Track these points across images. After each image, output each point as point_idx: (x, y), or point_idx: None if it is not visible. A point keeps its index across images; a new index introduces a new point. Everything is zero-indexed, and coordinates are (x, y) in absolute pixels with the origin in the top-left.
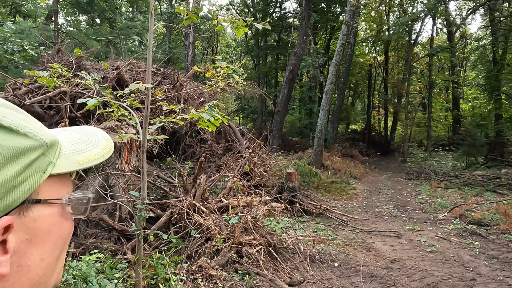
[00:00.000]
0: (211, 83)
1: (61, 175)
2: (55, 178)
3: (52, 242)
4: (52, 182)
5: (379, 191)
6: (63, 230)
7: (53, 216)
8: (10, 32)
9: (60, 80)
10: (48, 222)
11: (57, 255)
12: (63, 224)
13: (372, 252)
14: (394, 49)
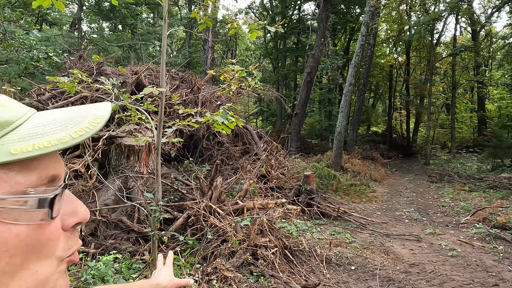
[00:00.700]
0: (224, 86)
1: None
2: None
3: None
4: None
5: (400, 194)
6: (2, 240)
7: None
8: (36, 40)
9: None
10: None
11: (2, 269)
12: (3, 233)
13: (391, 256)
14: (416, 49)
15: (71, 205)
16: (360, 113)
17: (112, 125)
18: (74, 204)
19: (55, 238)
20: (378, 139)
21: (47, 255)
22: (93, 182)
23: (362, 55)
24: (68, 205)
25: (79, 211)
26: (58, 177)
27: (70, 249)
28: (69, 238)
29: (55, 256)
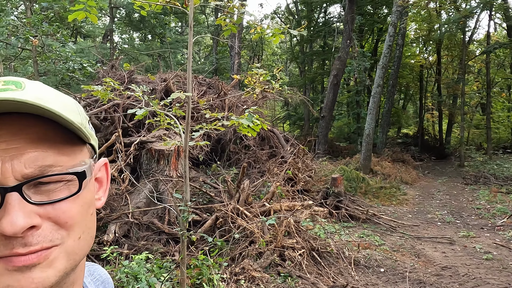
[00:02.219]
0: (248, 90)
1: None
2: None
3: None
4: None
5: (432, 197)
6: None
7: None
8: (72, 52)
9: (113, 93)
10: None
11: None
12: None
13: (422, 259)
14: (447, 48)
15: (3, 212)
16: (389, 115)
17: (143, 130)
18: (5, 213)
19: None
20: (409, 141)
21: None
22: (126, 186)
23: (390, 56)
24: (2, 211)
25: (2, 223)
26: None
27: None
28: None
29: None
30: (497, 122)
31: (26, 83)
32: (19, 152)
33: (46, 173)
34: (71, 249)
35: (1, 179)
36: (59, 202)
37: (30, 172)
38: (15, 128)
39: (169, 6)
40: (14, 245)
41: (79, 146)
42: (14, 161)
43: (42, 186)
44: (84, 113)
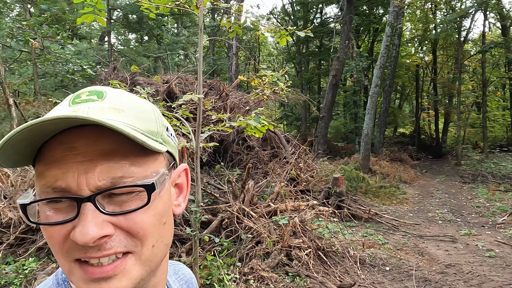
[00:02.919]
0: (257, 91)
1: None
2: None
3: None
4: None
5: (432, 196)
6: None
7: None
8: (71, 54)
9: None
10: None
11: None
12: None
13: (426, 257)
14: (443, 47)
15: (78, 221)
16: (386, 114)
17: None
18: (79, 222)
19: (54, 240)
20: (406, 141)
21: (53, 250)
22: None
23: (387, 56)
24: (77, 220)
25: (74, 230)
26: (66, 190)
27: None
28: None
29: (61, 256)
30: (493, 120)
31: (108, 93)
32: (92, 164)
33: (118, 184)
34: (145, 257)
35: (77, 190)
36: (131, 213)
37: (102, 184)
38: (90, 140)
39: (178, 8)
40: (88, 250)
41: (153, 155)
42: (88, 174)
43: (115, 197)
44: (161, 119)
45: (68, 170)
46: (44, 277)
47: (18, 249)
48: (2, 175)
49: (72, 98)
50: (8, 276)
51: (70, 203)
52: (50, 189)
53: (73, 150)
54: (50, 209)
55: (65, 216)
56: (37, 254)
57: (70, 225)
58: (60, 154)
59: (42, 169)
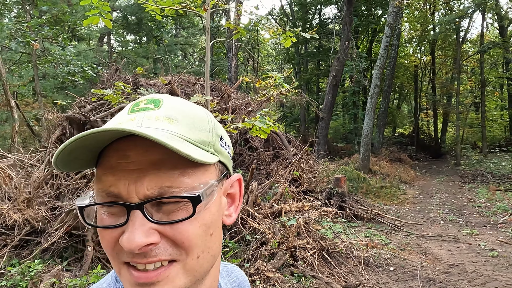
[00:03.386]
0: (264, 92)
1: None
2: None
3: None
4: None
5: (432, 196)
6: None
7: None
8: (72, 55)
9: (122, 96)
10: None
11: None
12: None
13: (429, 257)
14: (441, 48)
15: (126, 227)
16: (385, 115)
17: None
18: (127, 228)
19: (107, 242)
20: (405, 141)
21: (107, 252)
22: None
23: (386, 56)
24: (127, 226)
25: (123, 238)
26: (118, 196)
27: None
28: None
29: (112, 258)
30: (491, 120)
31: (164, 101)
32: (142, 174)
33: (165, 194)
34: (190, 267)
35: (127, 198)
36: (177, 223)
37: (150, 193)
38: (142, 150)
39: (183, 10)
40: (134, 256)
41: (203, 166)
42: (137, 183)
43: (163, 206)
44: (216, 129)
45: (121, 177)
46: (50, 278)
47: (22, 251)
48: (6, 177)
49: (131, 106)
50: (14, 278)
51: (121, 209)
52: (104, 194)
53: (126, 159)
54: (105, 212)
55: (116, 221)
56: (41, 256)
57: (120, 230)
58: (115, 161)
59: (99, 174)
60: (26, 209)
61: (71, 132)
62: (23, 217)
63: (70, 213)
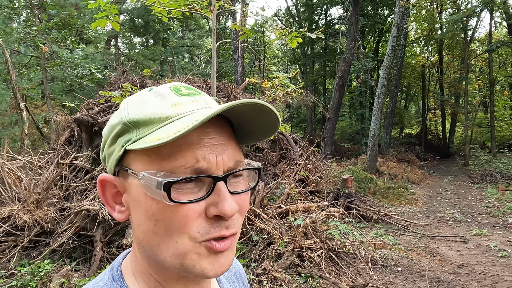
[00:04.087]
0: (270, 93)
1: (150, 151)
2: (141, 153)
3: (141, 211)
4: (137, 157)
5: (441, 196)
6: (148, 206)
7: (137, 187)
8: (80, 58)
9: None
10: (135, 191)
11: (152, 229)
12: (147, 200)
13: (437, 257)
14: (449, 47)
15: (217, 198)
16: (393, 115)
17: None
18: (221, 198)
19: (189, 218)
20: (413, 141)
21: (181, 230)
22: None
23: (393, 56)
24: (215, 197)
25: (222, 206)
26: (205, 170)
27: (207, 234)
28: (211, 225)
29: (189, 235)
30: (500, 120)
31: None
32: (224, 147)
33: (238, 167)
34: (237, 237)
35: (214, 170)
36: (242, 194)
37: (232, 165)
38: (218, 127)
39: (189, 12)
40: (222, 227)
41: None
42: (223, 155)
43: (232, 179)
44: None
45: (208, 152)
46: (59, 279)
47: (32, 252)
48: (16, 178)
49: (175, 91)
50: (24, 278)
51: (195, 184)
52: (189, 170)
53: (207, 135)
54: (177, 190)
55: (196, 196)
56: (51, 256)
57: (203, 203)
58: (196, 137)
59: (173, 150)
60: (36, 210)
61: (79, 134)
62: (33, 218)
63: (79, 214)
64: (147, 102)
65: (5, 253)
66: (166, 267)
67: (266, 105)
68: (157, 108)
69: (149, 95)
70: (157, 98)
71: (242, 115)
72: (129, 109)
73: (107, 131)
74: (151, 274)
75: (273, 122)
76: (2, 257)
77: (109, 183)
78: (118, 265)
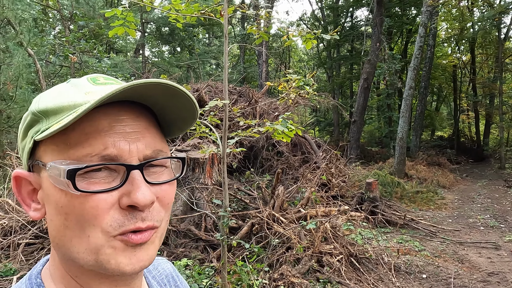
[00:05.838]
0: (283, 95)
1: (57, 140)
2: (49, 143)
3: (53, 206)
4: (46, 148)
5: (473, 201)
6: (57, 199)
7: (47, 180)
8: (107, 67)
9: None
10: (46, 184)
11: (63, 223)
12: (56, 193)
13: (466, 264)
14: (481, 46)
15: (131, 187)
16: (422, 117)
17: (177, 140)
18: (134, 187)
19: (99, 210)
20: (444, 144)
21: (92, 223)
22: None
23: (421, 57)
24: (128, 186)
25: (134, 195)
26: (117, 158)
27: (121, 227)
28: (125, 216)
29: (101, 228)
30: None
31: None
32: (140, 135)
33: (157, 156)
34: (162, 231)
35: (127, 158)
36: (163, 184)
37: (149, 153)
38: (134, 115)
39: (204, 17)
40: (137, 219)
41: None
42: (138, 143)
43: (151, 168)
44: None
45: (120, 138)
46: None
47: None
48: None
49: (92, 80)
50: None
51: (109, 173)
52: (96, 157)
53: (121, 122)
54: (88, 179)
55: (108, 186)
56: None
57: (116, 193)
58: (107, 124)
59: (80, 138)
60: None
61: None
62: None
63: None
64: (62, 93)
65: (33, 255)
66: (80, 265)
67: (174, 86)
68: (69, 97)
69: (65, 86)
70: (72, 88)
71: (157, 101)
72: (40, 100)
73: (20, 124)
74: (71, 277)
75: (190, 107)
76: (30, 259)
77: (24, 180)
78: (38, 273)
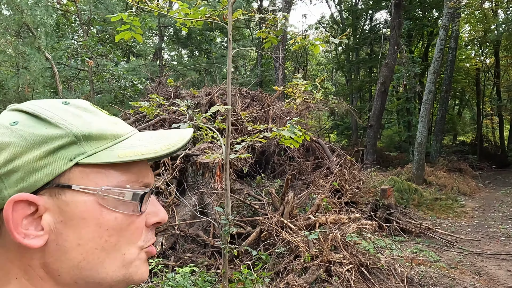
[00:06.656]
0: (289, 100)
1: (107, 166)
2: (95, 167)
3: (89, 229)
4: (90, 171)
5: (494, 209)
6: (104, 221)
7: (87, 203)
8: (123, 70)
9: (159, 108)
10: (81, 208)
11: (102, 246)
12: (104, 215)
13: (483, 277)
14: (506, 49)
15: (154, 207)
16: (443, 122)
17: (188, 144)
18: (156, 207)
19: (140, 229)
20: (467, 149)
21: (132, 241)
22: (172, 198)
23: (441, 60)
24: (152, 207)
25: (160, 213)
26: (149, 185)
27: (148, 241)
28: (148, 232)
29: (137, 245)
30: None
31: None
32: (149, 166)
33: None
34: None
35: (151, 185)
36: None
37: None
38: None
39: (209, 21)
40: (153, 234)
41: None
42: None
43: None
44: None
45: (149, 170)
46: None
47: None
48: None
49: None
50: None
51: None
52: (141, 184)
53: None
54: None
55: (136, 208)
56: None
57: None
58: None
59: (129, 167)
60: None
61: None
62: None
63: None
64: (83, 117)
65: None
66: (101, 285)
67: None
68: (103, 124)
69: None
70: (89, 114)
71: None
72: (72, 122)
73: (31, 142)
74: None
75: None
76: None
77: (23, 203)
78: None
